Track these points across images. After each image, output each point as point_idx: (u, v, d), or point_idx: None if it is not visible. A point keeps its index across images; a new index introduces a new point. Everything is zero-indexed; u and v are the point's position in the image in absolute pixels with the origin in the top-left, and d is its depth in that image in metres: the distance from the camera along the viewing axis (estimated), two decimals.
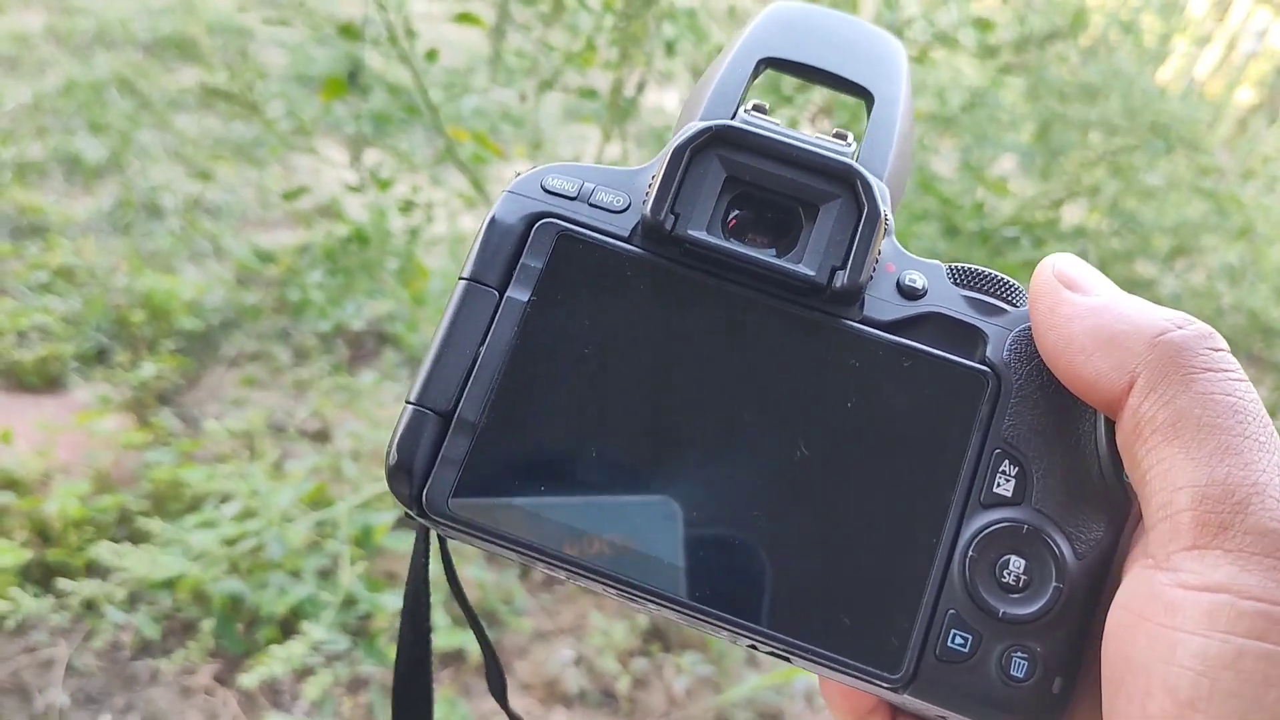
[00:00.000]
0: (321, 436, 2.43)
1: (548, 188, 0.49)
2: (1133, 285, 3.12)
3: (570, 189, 0.49)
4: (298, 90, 3.68)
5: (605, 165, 0.51)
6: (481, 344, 0.47)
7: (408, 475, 0.45)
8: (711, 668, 2.04)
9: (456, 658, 1.97)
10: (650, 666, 2.05)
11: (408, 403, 0.47)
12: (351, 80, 2.29)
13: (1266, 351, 3.11)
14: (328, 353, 2.67)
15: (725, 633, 0.46)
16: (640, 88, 2.12)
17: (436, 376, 0.46)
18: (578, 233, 0.48)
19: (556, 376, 0.47)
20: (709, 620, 0.45)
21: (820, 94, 2.24)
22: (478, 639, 0.59)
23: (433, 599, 0.56)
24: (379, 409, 2.46)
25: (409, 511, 0.46)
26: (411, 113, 2.29)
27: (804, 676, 1.99)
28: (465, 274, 0.48)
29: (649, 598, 0.45)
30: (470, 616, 0.58)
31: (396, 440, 0.46)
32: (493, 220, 0.48)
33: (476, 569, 2.05)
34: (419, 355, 2.77)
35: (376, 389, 2.50)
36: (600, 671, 2.01)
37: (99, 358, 2.57)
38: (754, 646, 0.46)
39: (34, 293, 2.68)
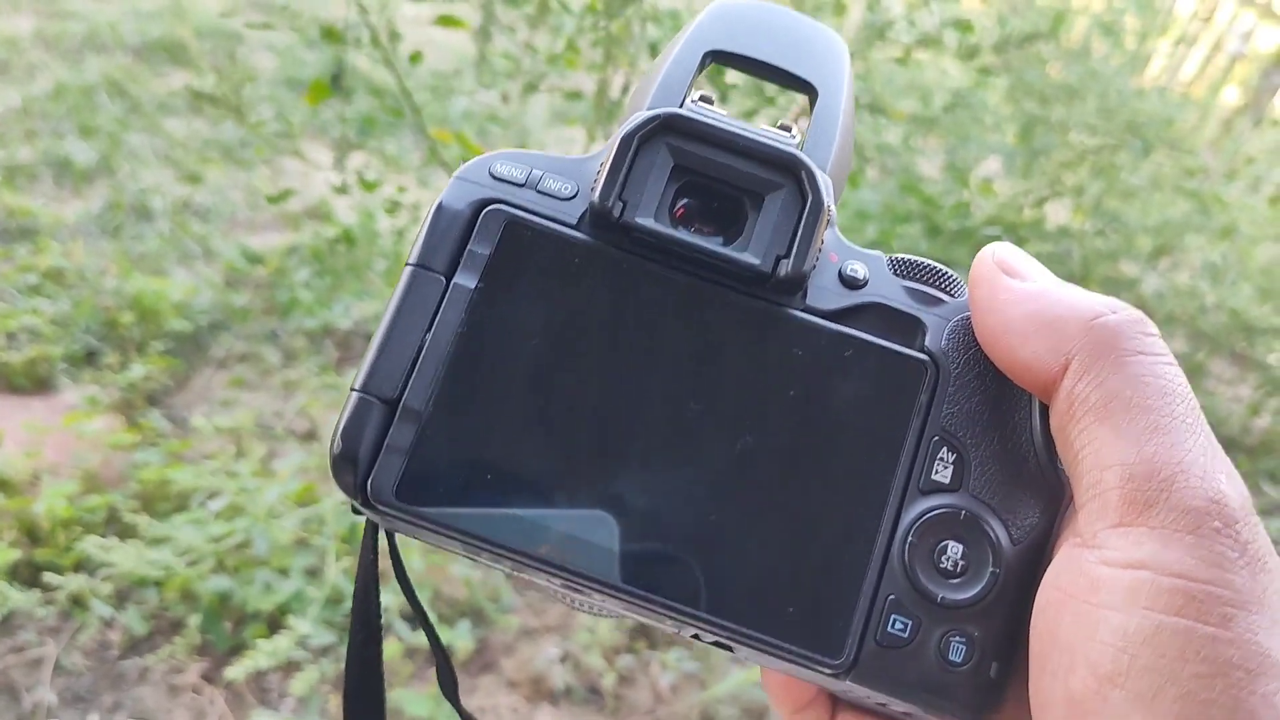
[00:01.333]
0: (310, 436, 2.43)
1: (496, 174, 0.49)
2: (1116, 285, 3.13)
3: (518, 175, 0.49)
4: (286, 93, 3.69)
5: (553, 154, 0.51)
6: (428, 331, 0.46)
7: (352, 464, 0.45)
8: (697, 664, 2.05)
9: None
10: (636, 663, 2.05)
11: (352, 390, 0.46)
12: (335, 83, 2.30)
13: (1249, 350, 3.12)
14: (316, 353, 2.68)
15: (669, 621, 0.46)
16: (625, 89, 2.13)
17: (382, 363, 0.46)
18: (525, 219, 0.48)
19: (503, 364, 0.46)
20: (651, 607, 0.45)
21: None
22: (428, 637, 0.58)
23: (421, 597, 0.56)
24: None
25: (354, 503, 0.46)
26: (396, 115, 2.30)
27: None
28: (412, 260, 0.48)
29: (592, 585, 0.45)
30: (420, 614, 0.58)
31: (341, 428, 0.45)
32: (440, 206, 0.48)
33: (463, 567, 2.06)
34: None
35: None
36: (586, 668, 2.02)
37: (88, 359, 2.58)
38: (696, 636, 0.47)
39: (23, 295, 2.69)
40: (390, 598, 1.96)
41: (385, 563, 0.56)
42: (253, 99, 2.76)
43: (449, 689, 0.60)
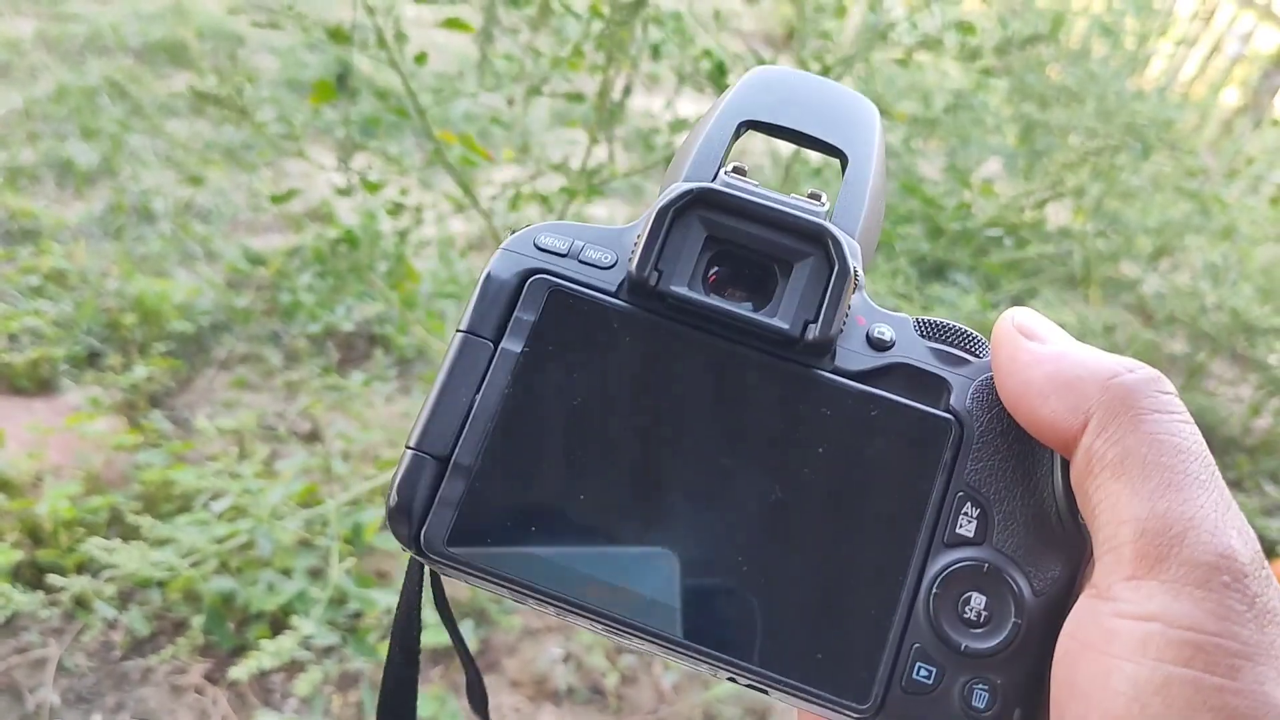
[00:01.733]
0: (312, 437, 2.44)
1: (540, 245, 0.51)
2: (1117, 285, 3.14)
3: (561, 246, 0.51)
4: (288, 94, 3.69)
5: (595, 224, 0.53)
6: (477, 392, 0.49)
7: (407, 516, 0.48)
8: None
9: (447, 655, 1.98)
10: (638, 663, 2.06)
11: (407, 448, 0.48)
12: (340, 84, 2.30)
13: (1249, 350, 3.13)
14: (318, 354, 2.69)
15: (706, 666, 0.48)
16: (627, 91, 2.13)
17: (435, 423, 0.49)
18: (568, 288, 0.50)
19: (548, 423, 0.49)
20: (690, 654, 0.47)
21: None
22: (463, 660, 0.62)
23: (424, 597, 0.58)
24: (369, 410, 2.47)
25: (408, 549, 0.48)
26: (400, 116, 2.30)
27: None
28: (462, 327, 0.50)
29: (633, 632, 0.47)
30: (459, 646, 0.61)
31: (397, 483, 0.48)
32: (488, 276, 0.51)
33: None
34: (408, 356, 2.79)
35: (366, 390, 2.51)
36: (589, 668, 2.02)
37: (90, 360, 2.59)
38: (733, 679, 0.48)
39: (26, 296, 2.69)
40: (391, 599, 1.97)
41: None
42: (255, 100, 2.75)
43: (479, 706, 0.63)
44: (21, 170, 3.26)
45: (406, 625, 0.57)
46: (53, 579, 1.83)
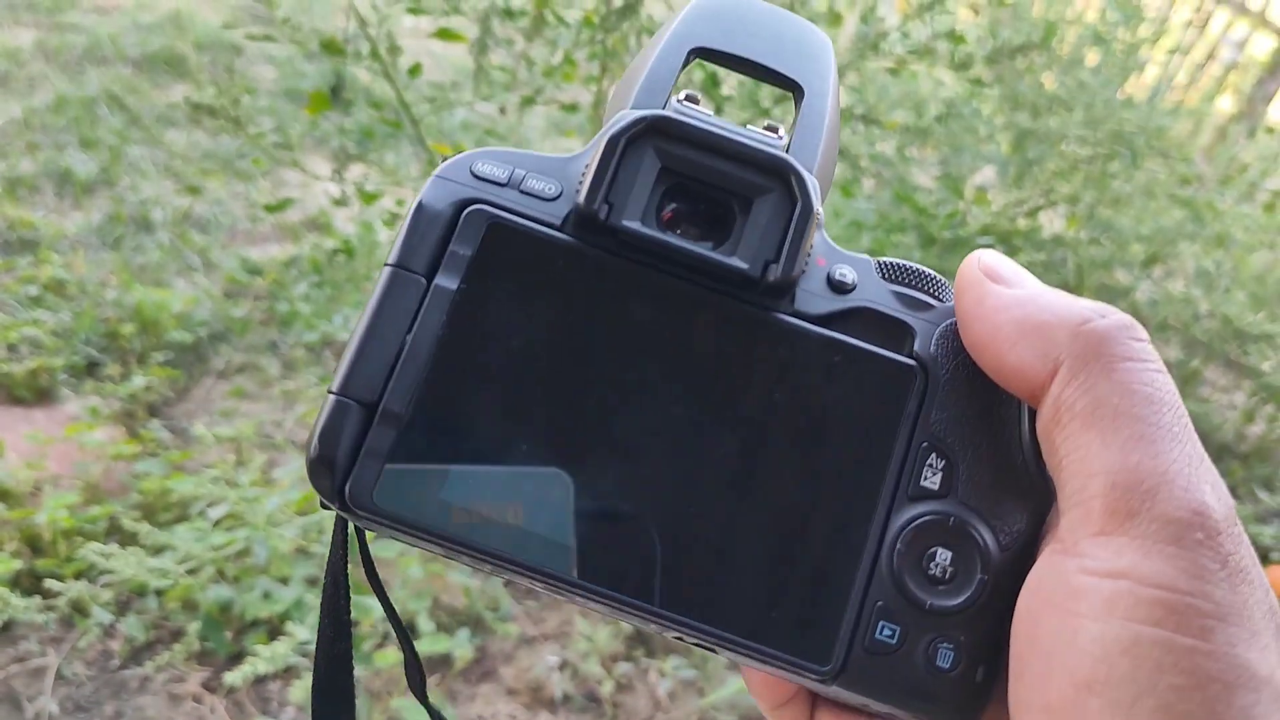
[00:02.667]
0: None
1: (477, 173, 0.48)
2: (1110, 292, 3.14)
3: (501, 175, 0.48)
4: (285, 105, 3.70)
5: (537, 152, 0.50)
6: (408, 333, 0.45)
7: (330, 468, 0.44)
8: (695, 671, 2.06)
9: (443, 663, 1.99)
10: (634, 671, 2.06)
11: (330, 392, 0.45)
12: (335, 95, 2.31)
13: (1242, 357, 3.13)
14: (315, 364, 2.69)
15: (654, 625, 0.46)
16: None
17: (361, 366, 0.45)
18: (509, 220, 0.47)
19: (485, 368, 0.46)
20: (632, 610, 0.45)
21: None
22: (397, 633, 0.57)
23: (420, 605, 0.56)
24: None
25: (329, 504, 0.45)
26: (395, 127, 2.32)
27: None
28: (391, 260, 0.46)
29: (574, 590, 0.45)
30: (393, 620, 0.57)
31: (319, 431, 0.44)
32: (420, 205, 0.47)
33: (462, 575, 2.07)
34: None
35: None
36: (585, 676, 2.03)
37: (89, 370, 2.59)
38: (680, 638, 0.46)
39: (24, 306, 2.70)
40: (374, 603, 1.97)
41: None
42: (252, 111, 2.77)
43: (416, 685, 0.59)
44: (20, 180, 3.26)
45: (334, 593, 0.54)
46: (50, 584, 1.84)
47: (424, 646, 1.94)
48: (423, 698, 0.58)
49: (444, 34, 2.11)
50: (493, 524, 0.45)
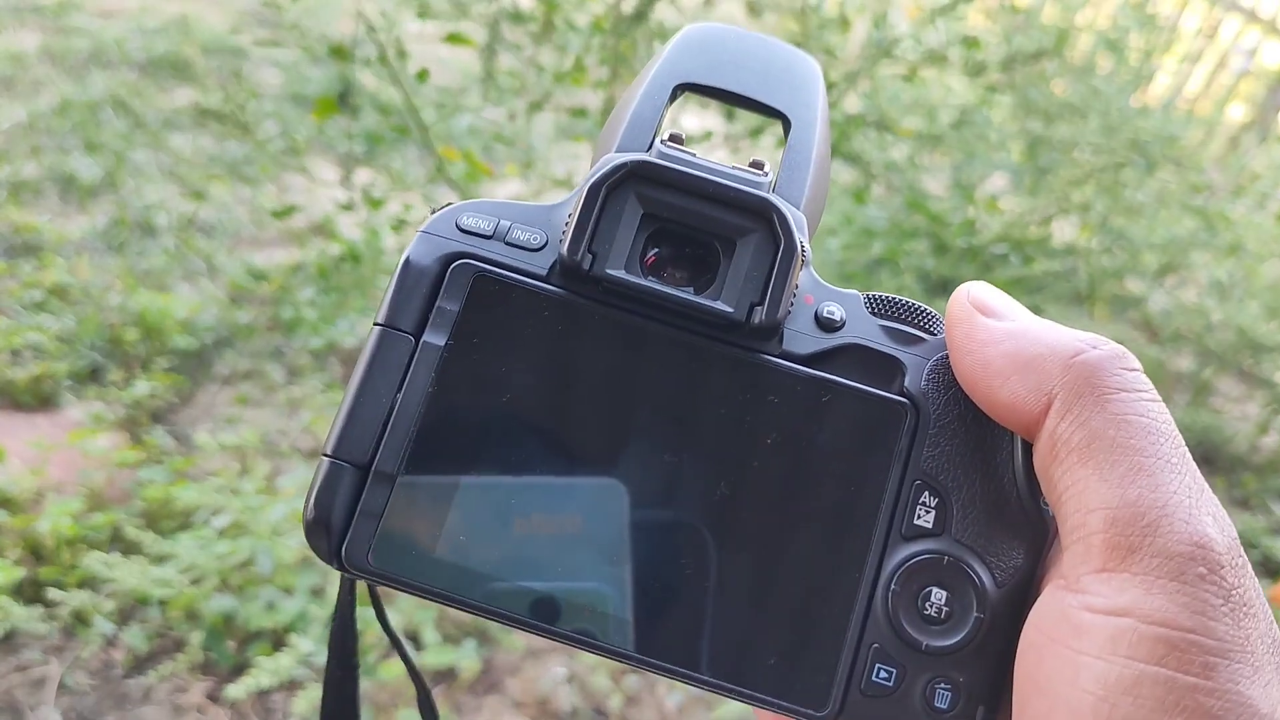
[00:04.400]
0: (314, 454, 2.43)
1: (463, 226, 0.48)
2: (1123, 302, 3.13)
3: (486, 227, 0.48)
4: (291, 110, 3.69)
5: (521, 202, 0.50)
6: (398, 391, 0.46)
7: (326, 530, 0.45)
8: None
9: (448, 675, 1.97)
10: (642, 684, 2.05)
11: (324, 455, 0.46)
12: (342, 100, 2.30)
13: (1255, 367, 3.12)
14: (320, 370, 2.68)
15: (648, 671, 0.46)
16: None
17: (352, 428, 0.45)
18: (494, 273, 0.47)
19: (475, 422, 0.46)
20: (629, 663, 0.45)
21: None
22: (410, 674, 0.59)
23: (425, 616, 0.57)
24: None
25: (330, 565, 0.46)
26: (402, 132, 2.31)
27: None
28: (380, 319, 0.47)
29: (568, 642, 0.45)
30: (406, 661, 0.59)
31: (314, 495, 0.45)
32: (407, 262, 0.47)
33: None
34: None
35: None
36: (592, 689, 2.01)
37: (93, 376, 2.58)
38: (688, 685, 0.46)
39: (28, 311, 2.69)
40: (396, 617, 1.96)
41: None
42: (258, 115, 2.76)
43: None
44: (25, 184, 3.25)
45: (342, 638, 0.55)
46: (52, 594, 1.82)
47: (430, 658, 1.93)
48: None
49: (453, 38, 2.10)
50: (483, 581, 0.45)
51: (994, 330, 0.44)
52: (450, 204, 0.49)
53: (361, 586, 0.54)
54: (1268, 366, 3.08)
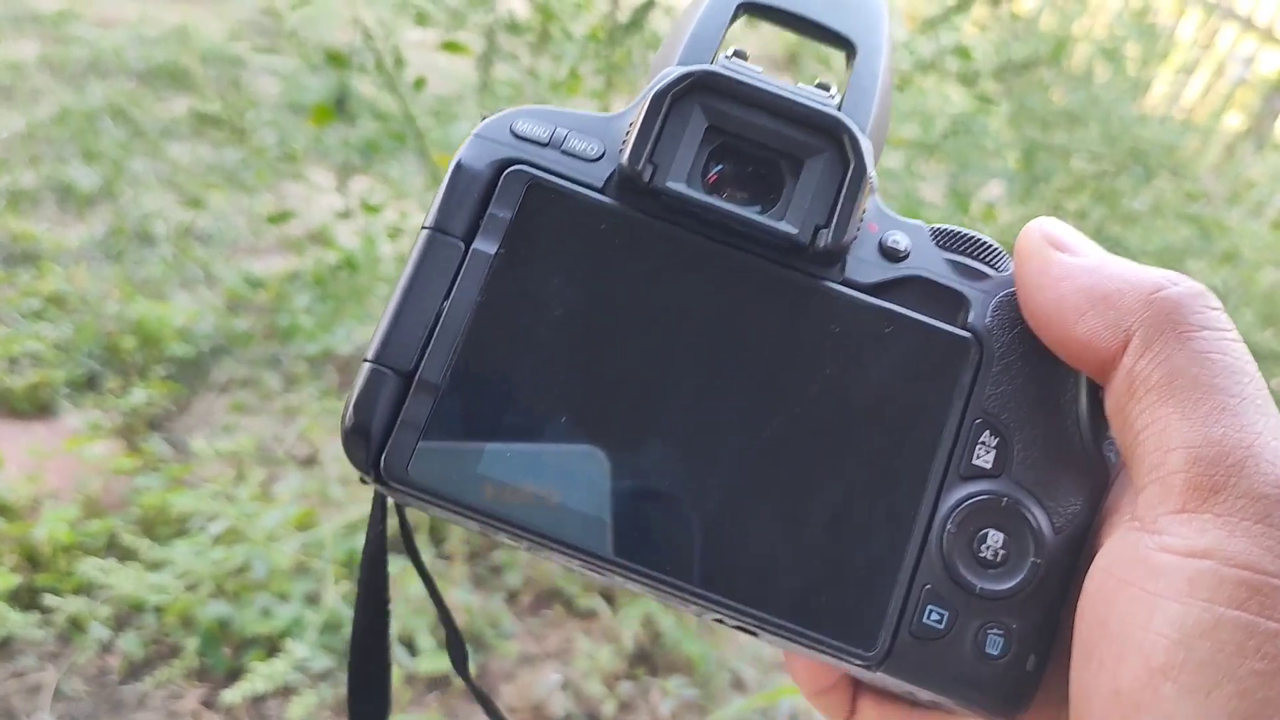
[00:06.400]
0: (310, 461, 2.43)
1: (518, 132, 0.46)
2: None
3: (542, 134, 0.46)
4: (289, 117, 3.70)
5: (580, 111, 0.49)
6: (445, 299, 0.44)
7: (365, 438, 0.43)
8: (697, 691, 2.04)
9: (442, 681, 1.97)
10: (636, 690, 2.05)
11: (365, 360, 0.44)
12: (339, 108, 2.31)
13: None
14: (317, 378, 2.68)
15: (694, 606, 0.45)
16: None
17: (397, 333, 0.44)
18: (549, 181, 0.45)
19: (524, 335, 0.45)
20: (674, 591, 0.44)
21: None
22: (437, 607, 0.57)
23: (419, 623, 0.55)
24: None
25: (364, 477, 0.44)
26: (399, 140, 2.31)
27: (790, 699, 1.99)
28: (428, 223, 0.45)
29: (613, 569, 0.44)
30: (435, 597, 0.57)
31: (354, 401, 0.44)
32: (458, 165, 0.46)
33: (463, 593, 2.06)
34: None
35: None
36: (586, 695, 2.01)
37: (90, 384, 2.58)
38: (720, 620, 0.45)
39: (26, 319, 2.69)
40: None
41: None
42: (255, 123, 2.76)
43: (459, 662, 0.59)
44: (23, 193, 3.25)
45: (372, 570, 0.54)
46: (48, 600, 1.83)
47: (424, 665, 1.93)
48: (465, 674, 0.58)
49: (450, 47, 2.10)
50: (529, 500, 0.44)
51: (1069, 265, 0.43)
52: (504, 110, 0.48)
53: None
54: (1264, 374, 3.08)
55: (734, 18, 0.50)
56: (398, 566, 1.96)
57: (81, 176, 3.35)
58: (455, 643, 0.58)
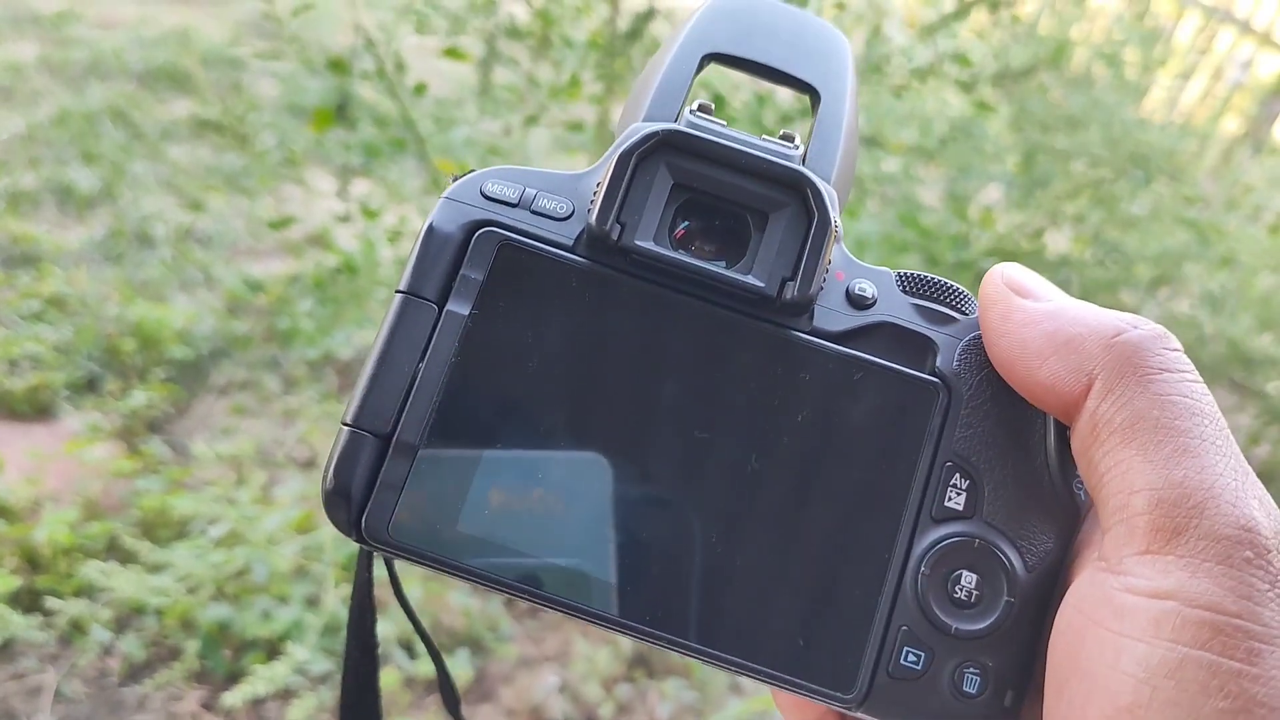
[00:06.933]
0: (310, 464, 2.43)
1: (487, 193, 0.47)
2: None
3: (511, 195, 0.47)
4: (289, 121, 3.70)
5: (548, 170, 0.49)
6: (420, 360, 0.45)
7: (346, 500, 0.44)
8: (695, 694, 2.05)
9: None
10: (634, 693, 2.05)
11: (344, 424, 0.45)
12: (340, 112, 2.31)
13: (1248, 380, 3.12)
14: (317, 381, 2.68)
15: (672, 651, 0.45)
16: None
17: (373, 396, 0.45)
18: (520, 242, 0.46)
19: (499, 395, 0.45)
20: (653, 641, 0.45)
21: (803, 129, 2.25)
22: (431, 655, 0.58)
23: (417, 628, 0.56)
24: None
25: (348, 537, 0.45)
26: (399, 145, 2.32)
27: None
28: (402, 286, 0.46)
29: (592, 620, 0.44)
30: (421, 633, 0.58)
31: (333, 464, 0.44)
32: (430, 229, 0.46)
33: (461, 595, 2.06)
34: None
35: None
36: (584, 698, 2.01)
37: (90, 386, 2.58)
38: (709, 663, 0.46)
39: (26, 321, 2.69)
40: (388, 626, 1.97)
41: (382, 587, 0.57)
42: (255, 126, 2.76)
43: (451, 706, 0.60)
44: (23, 195, 3.25)
45: (360, 618, 0.55)
46: (50, 602, 1.83)
47: (422, 668, 1.93)
48: (456, 715, 0.59)
49: (450, 53, 2.11)
50: (511, 555, 0.44)
51: (1031, 311, 0.44)
52: (473, 170, 0.48)
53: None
54: (1259, 378, 3.09)
55: (700, 68, 0.51)
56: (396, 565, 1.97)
57: (81, 178, 3.35)
58: (446, 685, 0.59)
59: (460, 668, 1.96)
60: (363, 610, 0.55)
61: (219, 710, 1.86)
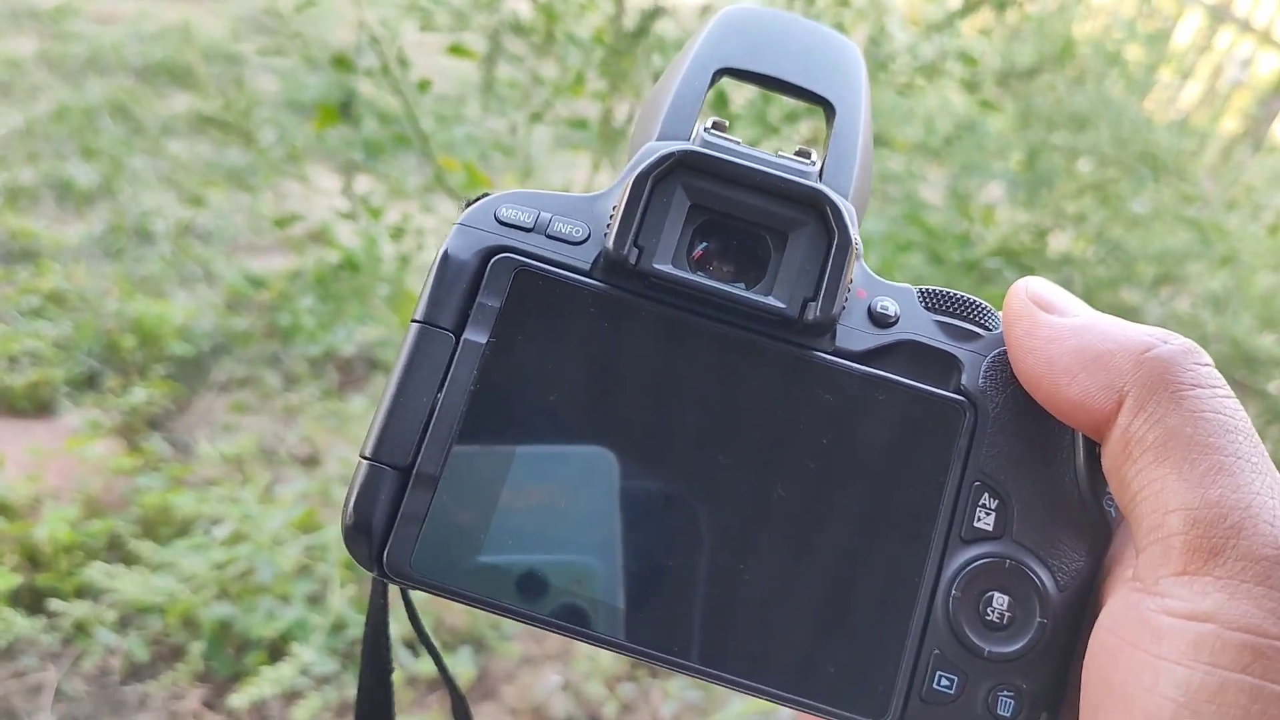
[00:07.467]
0: (312, 462, 2.43)
1: (502, 219, 0.46)
2: (1118, 312, 3.13)
3: (526, 220, 0.46)
4: (290, 116, 3.69)
5: (560, 192, 0.48)
6: (439, 391, 0.44)
7: (367, 535, 0.43)
8: (699, 693, 2.04)
9: (443, 684, 1.97)
10: (637, 692, 2.05)
11: (363, 458, 0.44)
12: (344, 110, 2.31)
13: (1250, 379, 3.13)
14: (318, 378, 2.68)
15: (706, 681, 0.45)
16: (629, 117, 2.13)
17: (392, 429, 0.44)
18: (536, 268, 0.45)
19: (519, 423, 0.45)
20: (682, 671, 0.44)
21: (807, 125, 2.25)
22: (444, 680, 0.58)
23: (425, 624, 0.56)
24: None
25: (370, 571, 0.45)
26: (402, 141, 2.31)
27: None
28: (418, 316, 0.45)
29: (617, 649, 0.44)
30: (438, 662, 0.57)
31: (353, 499, 0.44)
32: (445, 256, 0.46)
33: None
34: None
35: (366, 414, 2.50)
36: (587, 697, 2.01)
37: (90, 383, 2.57)
38: (745, 693, 0.45)
39: (25, 318, 2.68)
40: (393, 626, 1.96)
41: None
42: (257, 122, 2.75)
43: None
44: (22, 190, 3.25)
45: (375, 646, 0.54)
46: (54, 605, 1.82)
47: (425, 666, 1.93)
48: None
49: (455, 50, 2.10)
50: (530, 585, 0.44)
51: (1057, 326, 0.43)
52: (487, 194, 0.48)
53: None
54: (1261, 378, 3.09)
55: (712, 83, 0.51)
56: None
57: (80, 173, 3.34)
58: (460, 709, 0.59)
59: (463, 666, 1.96)
60: (378, 637, 0.54)
61: (221, 710, 1.86)
